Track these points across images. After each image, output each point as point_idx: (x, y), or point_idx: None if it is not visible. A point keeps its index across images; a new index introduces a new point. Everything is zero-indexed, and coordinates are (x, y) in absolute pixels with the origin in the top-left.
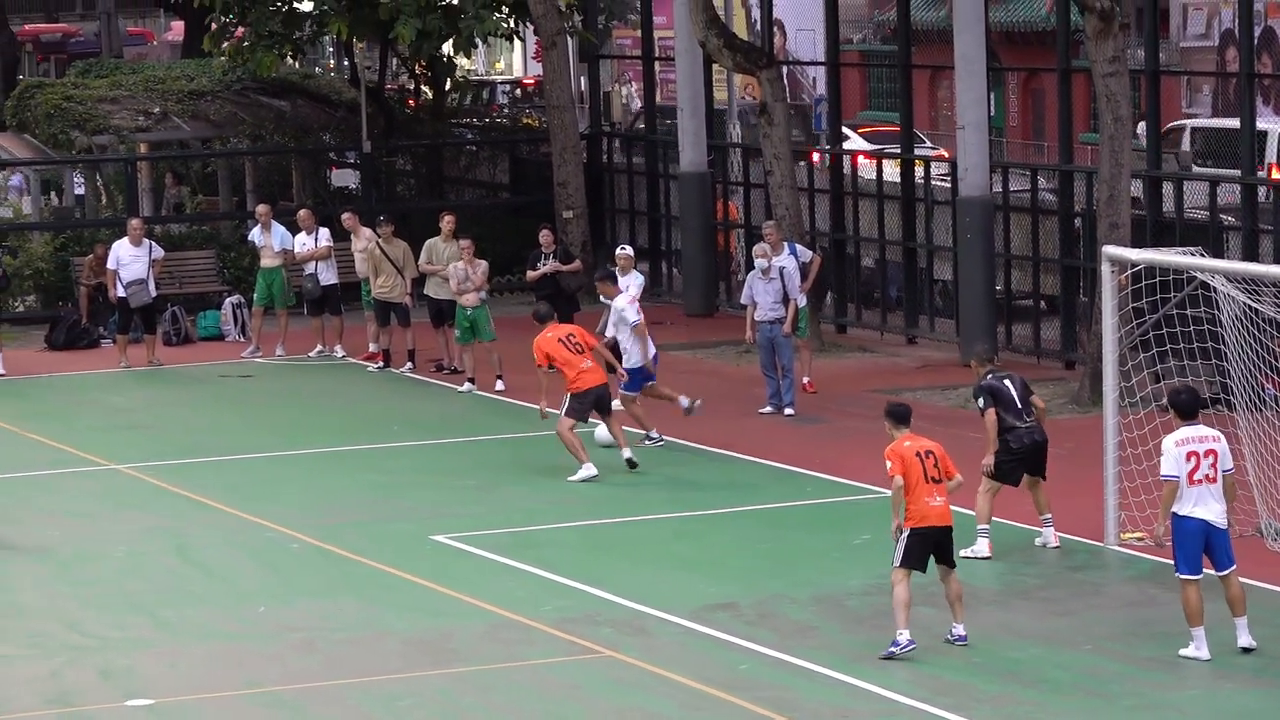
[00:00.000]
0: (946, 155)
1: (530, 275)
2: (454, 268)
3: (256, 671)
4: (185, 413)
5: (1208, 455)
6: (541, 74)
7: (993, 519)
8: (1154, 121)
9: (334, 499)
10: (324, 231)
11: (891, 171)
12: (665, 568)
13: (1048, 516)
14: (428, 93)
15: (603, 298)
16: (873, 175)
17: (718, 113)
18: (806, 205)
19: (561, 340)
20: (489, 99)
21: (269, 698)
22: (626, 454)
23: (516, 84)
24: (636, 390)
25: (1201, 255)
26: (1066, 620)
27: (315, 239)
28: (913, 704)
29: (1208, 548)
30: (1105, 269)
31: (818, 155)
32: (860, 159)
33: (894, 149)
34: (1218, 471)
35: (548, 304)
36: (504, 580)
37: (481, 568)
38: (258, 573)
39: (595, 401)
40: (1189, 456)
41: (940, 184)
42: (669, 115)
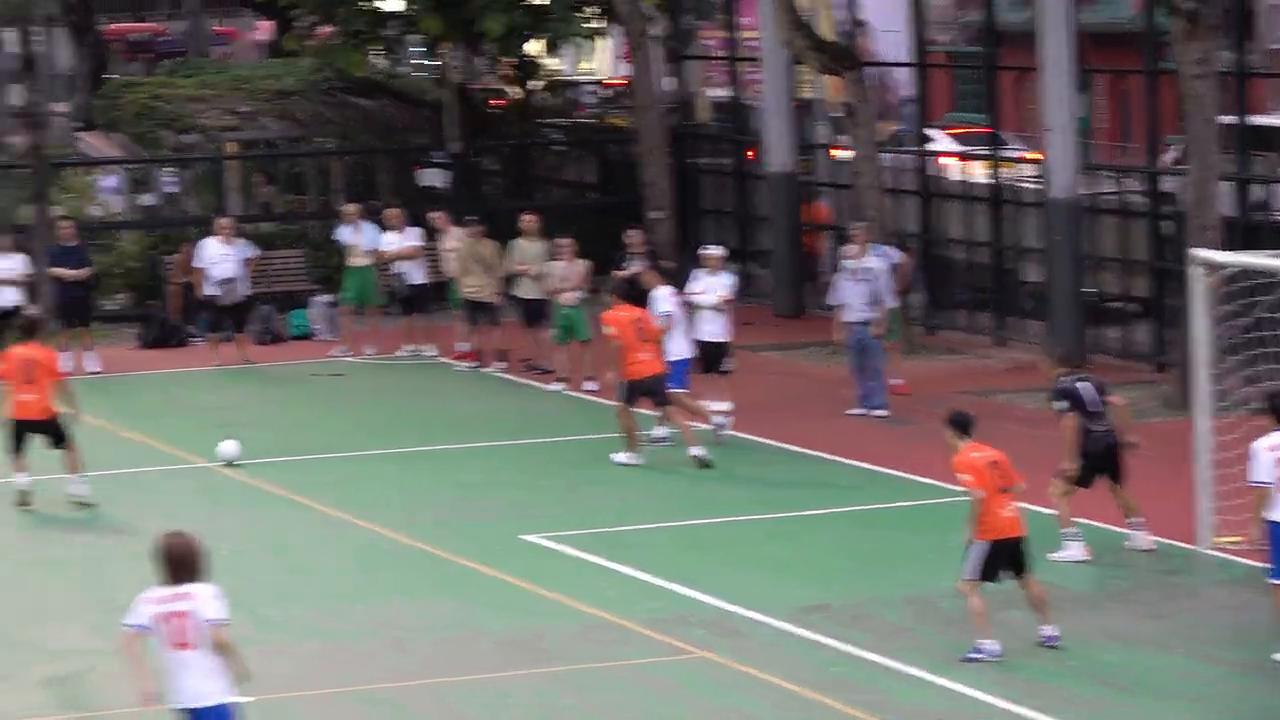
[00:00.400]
0: (1035, 157)
1: (616, 275)
2: (554, 266)
3: (354, 670)
4: (277, 411)
5: None
6: (628, 74)
7: (1081, 521)
8: (1242, 123)
9: (425, 498)
10: (414, 230)
11: (978, 173)
12: (757, 568)
13: (1137, 519)
14: (514, 93)
15: (650, 289)
16: (960, 176)
17: (808, 112)
18: (895, 206)
19: (631, 322)
20: (575, 99)
21: (367, 696)
22: (694, 452)
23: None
24: (680, 384)
25: None
26: (1159, 623)
27: (405, 238)
28: (1005, 706)
29: None
30: (1195, 272)
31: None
32: (947, 160)
33: (983, 150)
34: None
35: (626, 283)
36: (595, 580)
37: (572, 567)
38: (354, 571)
39: (647, 390)
40: (1279, 462)
41: (1028, 185)
42: (755, 115)
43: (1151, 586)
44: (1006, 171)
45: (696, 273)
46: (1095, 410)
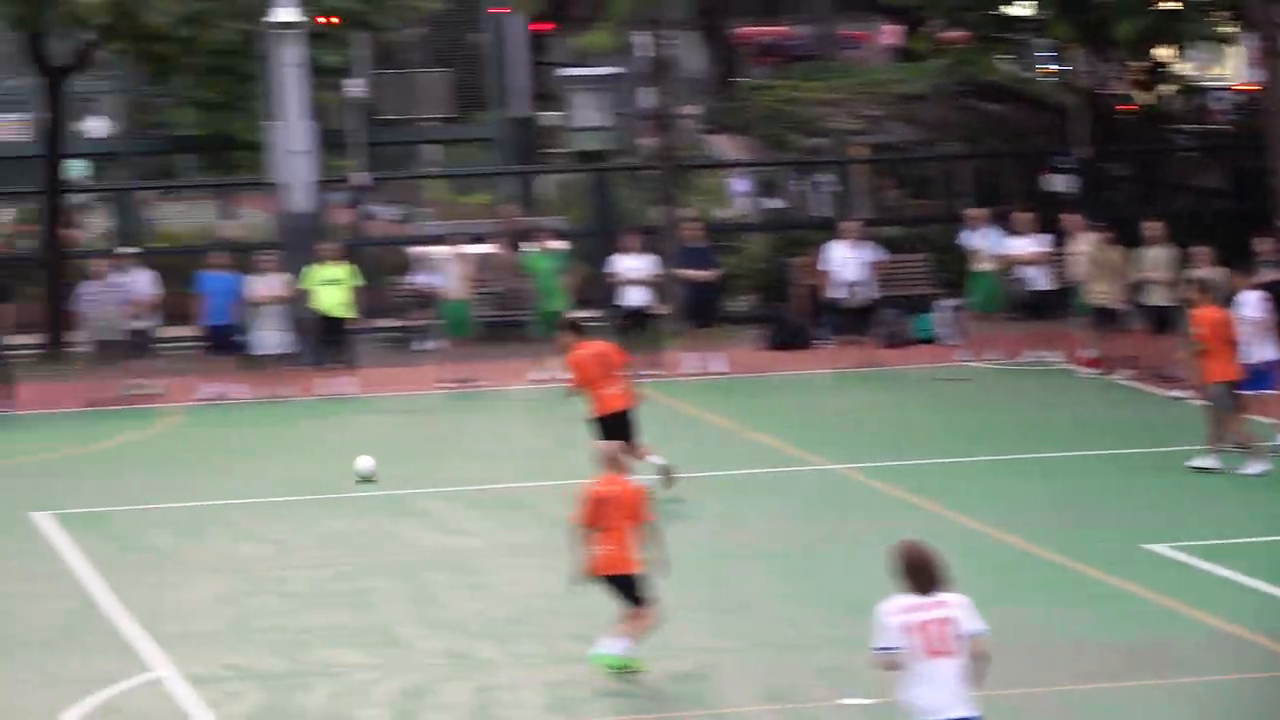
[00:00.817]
0: None
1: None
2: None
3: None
4: (901, 415)
5: None
6: (1260, 79)
7: None
8: None
9: (1042, 503)
10: (1041, 236)
11: None
12: None
13: None
14: (1143, 97)
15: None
16: None
17: None
18: None
19: (1224, 324)
20: (1205, 104)
21: (983, 701)
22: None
23: (1234, 89)
24: (1256, 390)
25: None
26: None
27: (1032, 243)
28: None
29: None
30: None
31: None
32: None
33: None
34: None
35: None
36: (1220, 591)
37: (1197, 578)
38: (965, 576)
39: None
40: None
41: None
42: None
43: None
44: None
45: None
46: None
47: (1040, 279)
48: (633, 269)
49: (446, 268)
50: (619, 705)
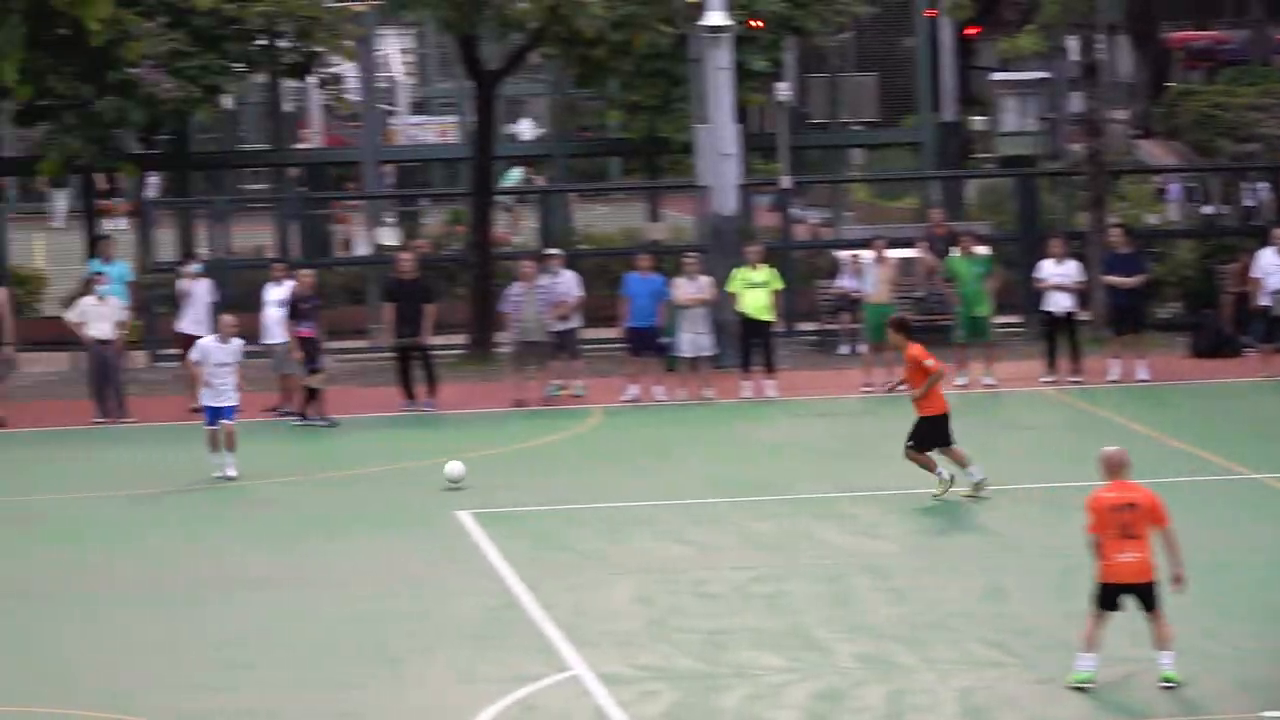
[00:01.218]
0: None
1: None
2: None
3: None
4: None
5: None
6: None
7: None
8: None
9: None
10: None
11: None
12: None
13: None
14: None
15: None
16: None
17: None
18: None
19: None
20: None
21: None
22: None
23: None
24: None
25: None
26: None
27: None
28: None
29: None
30: None
31: None
32: None
33: None
34: None
35: None
36: None
37: None
38: None
39: None
40: None
41: None
42: None
43: None
44: None
45: None
46: None
47: None
48: (1057, 275)
49: (869, 272)
50: (1032, 714)
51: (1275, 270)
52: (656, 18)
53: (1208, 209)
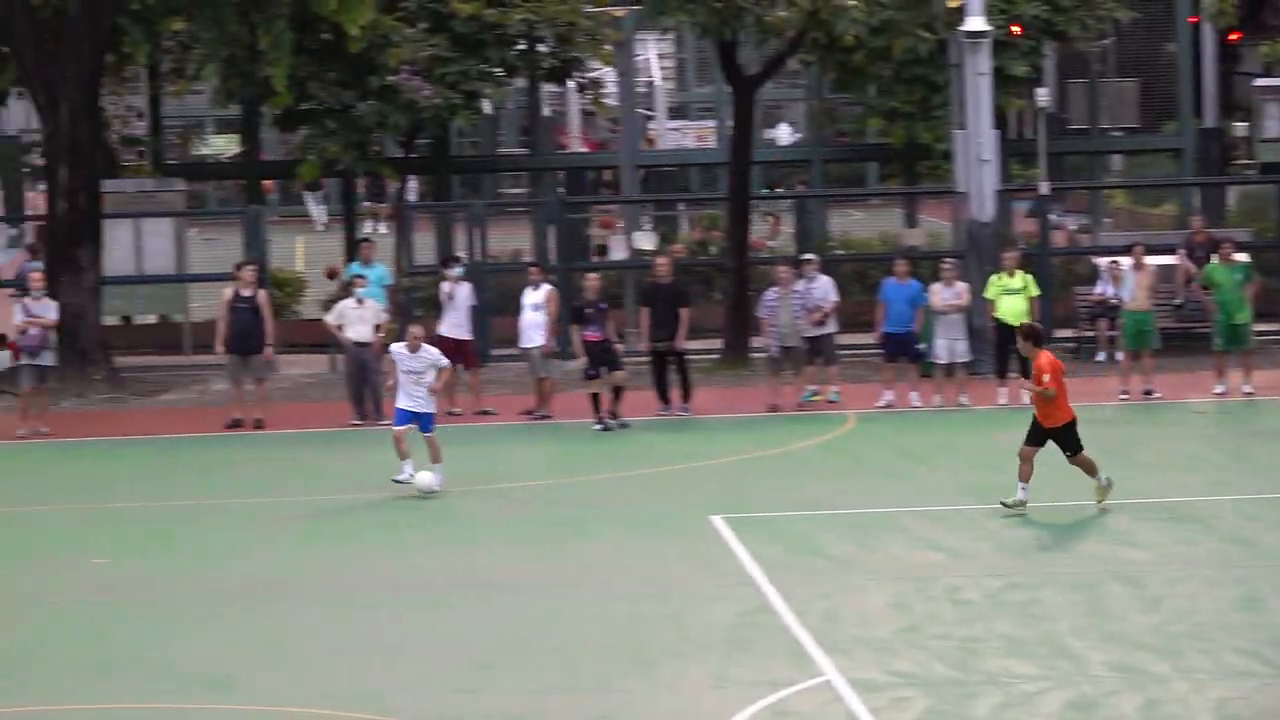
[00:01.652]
0: None
1: None
2: None
3: None
4: None
5: None
6: None
7: None
8: None
9: None
10: None
11: None
12: None
13: None
14: None
15: None
16: None
17: None
18: None
19: None
20: None
21: None
22: None
23: None
24: None
25: None
26: None
27: None
28: None
29: None
30: None
31: None
32: None
33: None
34: None
35: None
36: None
37: None
38: None
39: None
40: None
41: None
42: None
43: None
44: None
45: None
46: None
47: None
48: None
49: (1127, 278)
50: None
51: None
52: (916, 23)
53: None
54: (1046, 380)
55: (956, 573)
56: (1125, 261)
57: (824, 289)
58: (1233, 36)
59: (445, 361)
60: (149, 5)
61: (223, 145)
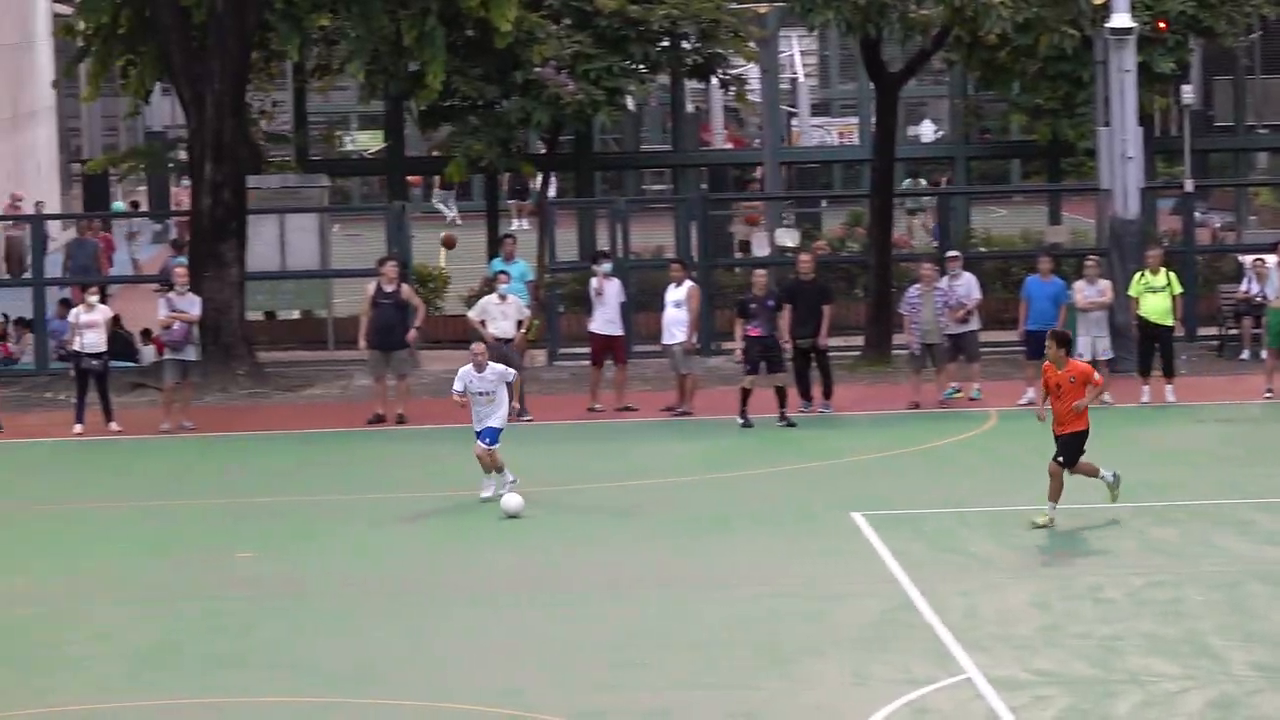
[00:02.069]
0: None
1: None
2: None
3: None
4: None
5: None
6: None
7: None
8: None
9: None
10: None
11: None
12: None
13: None
14: None
15: None
16: None
17: None
18: None
19: None
20: None
21: None
22: None
23: None
24: None
25: None
26: None
27: None
28: None
29: None
30: None
31: None
32: None
33: None
34: None
35: None
36: None
37: None
38: None
39: None
40: None
41: None
42: None
43: None
44: None
45: None
46: None
47: None
48: None
49: (1272, 276)
50: None
51: None
52: (1061, 20)
53: None
54: (1098, 378)
55: (1099, 571)
56: (1270, 259)
57: (967, 286)
58: None
59: (512, 374)
60: (297, 2)
61: (367, 141)
